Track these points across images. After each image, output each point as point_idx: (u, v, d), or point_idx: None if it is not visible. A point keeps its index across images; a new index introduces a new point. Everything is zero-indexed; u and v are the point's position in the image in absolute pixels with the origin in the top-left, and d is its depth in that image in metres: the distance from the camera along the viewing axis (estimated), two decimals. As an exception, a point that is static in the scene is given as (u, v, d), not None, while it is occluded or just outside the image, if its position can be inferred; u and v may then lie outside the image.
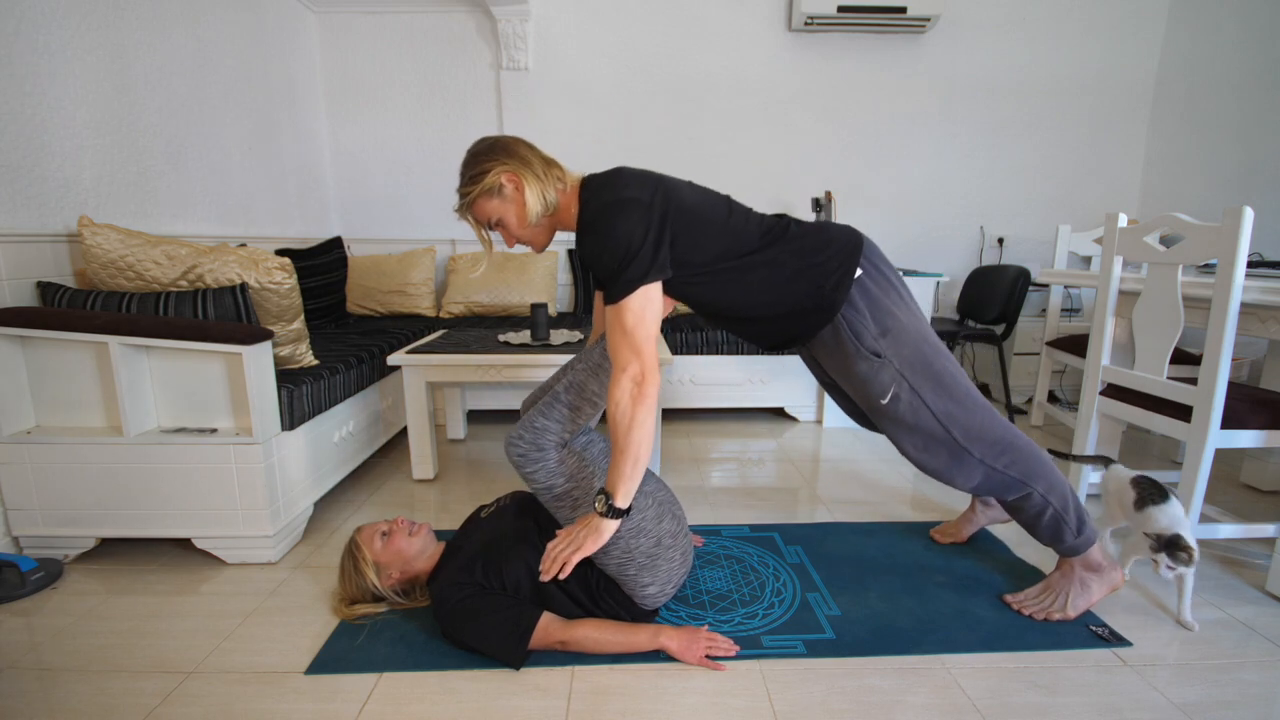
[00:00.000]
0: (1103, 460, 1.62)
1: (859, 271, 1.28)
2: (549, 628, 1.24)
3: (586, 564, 1.34)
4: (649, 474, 1.52)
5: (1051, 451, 1.62)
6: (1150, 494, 1.41)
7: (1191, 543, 1.31)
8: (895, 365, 1.28)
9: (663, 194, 1.23)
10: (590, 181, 1.29)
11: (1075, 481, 1.93)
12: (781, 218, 1.35)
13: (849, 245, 1.30)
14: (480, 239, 1.38)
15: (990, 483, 1.35)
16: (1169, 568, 1.31)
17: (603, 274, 1.21)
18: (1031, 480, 1.34)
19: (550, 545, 1.26)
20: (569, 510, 1.35)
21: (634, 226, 1.18)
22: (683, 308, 3.09)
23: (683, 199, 1.26)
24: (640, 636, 1.27)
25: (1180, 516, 1.36)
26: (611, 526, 1.22)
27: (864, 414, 1.60)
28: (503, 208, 1.28)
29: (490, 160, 1.26)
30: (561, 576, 1.23)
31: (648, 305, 1.19)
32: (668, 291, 1.31)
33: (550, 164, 1.30)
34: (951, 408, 1.30)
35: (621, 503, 1.21)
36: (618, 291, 1.18)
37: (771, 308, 1.32)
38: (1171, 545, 1.31)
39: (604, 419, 1.35)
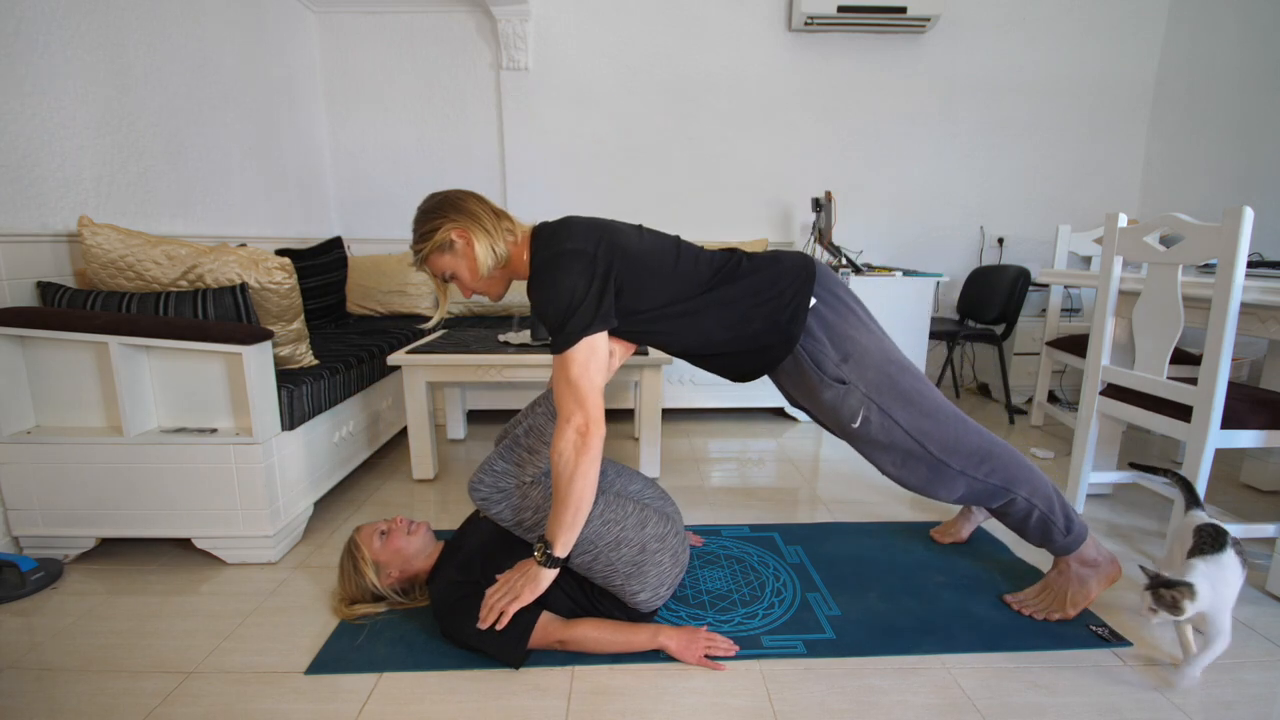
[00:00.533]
0: (1172, 475, 1.47)
1: (814, 300, 1.29)
2: (548, 627, 1.24)
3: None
4: (634, 474, 1.52)
5: (1134, 465, 1.59)
6: (1205, 544, 1.20)
7: (1190, 593, 1.09)
8: (861, 389, 1.29)
9: (607, 244, 1.25)
10: (540, 231, 1.31)
11: (1075, 481, 1.93)
12: (733, 253, 1.37)
13: (801, 275, 1.30)
14: (437, 289, 1.41)
15: (972, 492, 1.35)
16: (1150, 609, 1.13)
17: (547, 325, 1.22)
18: (1013, 486, 1.35)
19: (489, 593, 1.24)
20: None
21: (577, 279, 1.20)
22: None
23: (628, 248, 1.27)
24: (639, 636, 1.27)
25: (1224, 576, 1.14)
26: (549, 575, 1.22)
27: None
28: (454, 262, 1.30)
29: (439, 217, 1.28)
30: (499, 627, 1.20)
31: (591, 356, 1.20)
32: (626, 338, 1.33)
33: (500, 216, 1.32)
34: (923, 423, 1.30)
35: (560, 552, 1.21)
36: (561, 342, 1.20)
37: (730, 345, 1.33)
38: (1155, 583, 1.12)
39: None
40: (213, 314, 1.64)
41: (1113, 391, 1.84)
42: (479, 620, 1.22)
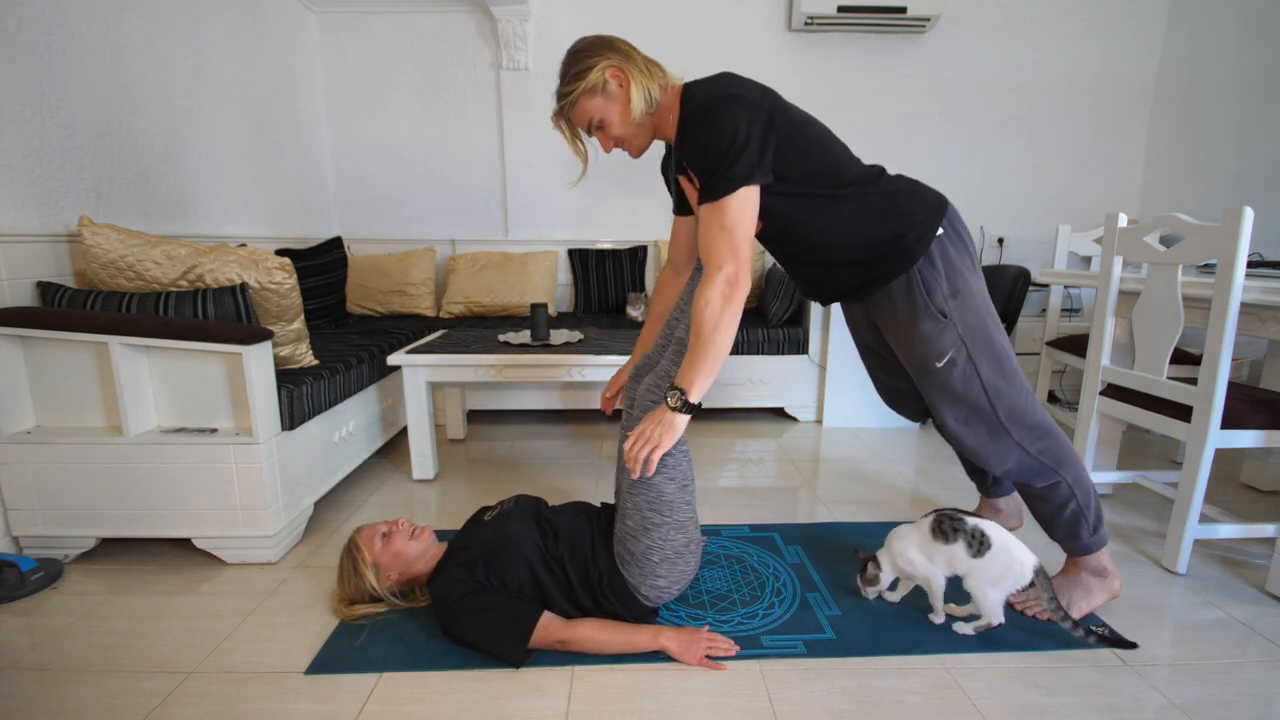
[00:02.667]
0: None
1: (941, 230, 1.27)
2: (549, 626, 1.24)
3: (592, 561, 1.34)
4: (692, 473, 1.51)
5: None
6: (936, 532, 1.35)
7: (877, 565, 1.38)
8: (958, 329, 1.27)
9: (772, 99, 1.22)
10: (695, 83, 1.27)
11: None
12: (875, 166, 1.34)
13: (936, 203, 1.30)
14: (574, 150, 1.35)
15: (1023, 467, 1.34)
16: (865, 583, 1.40)
17: (705, 167, 1.17)
18: (1061, 468, 1.34)
19: (626, 447, 1.23)
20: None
21: (741, 122, 1.15)
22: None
23: (790, 109, 1.24)
24: (640, 637, 1.27)
25: (950, 562, 1.32)
26: (684, 421, 1.20)
27: (897, 391, 1.58)
28: (606, 106, 1.25)
29: (595, 55, 1.23)
30: (649, 474, 1.21)
31: (747, 206, 1.17)
32: (760, 206, 1.27)
33: (652, 62, 1.27)
34: (1001, 384, 1.30)
35: (695, 398, 1.19)
36: (720, 188, 1.15)
37: (849, 251, 1.30)
38: (863, 561, 1.40)
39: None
40: (213, 314, 1.64)
41: (1113, 391, 1.84)
42: (628, 469, 1.22)
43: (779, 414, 3.07)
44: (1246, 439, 1.54)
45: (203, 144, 2.47)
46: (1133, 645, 1.30)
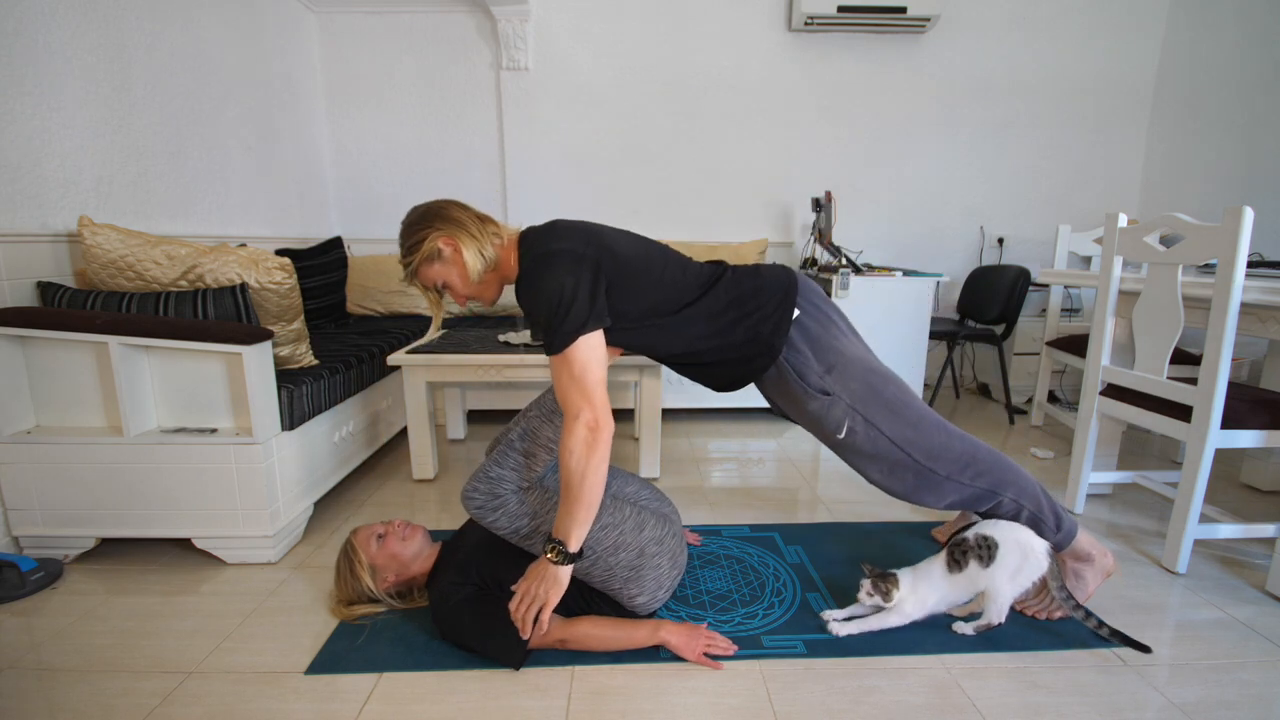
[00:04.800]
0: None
1: (797, 312, 1.29)
2: (548, 626, 1.23)
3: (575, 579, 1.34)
4: (631, 477, 1.52)
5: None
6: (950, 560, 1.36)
7: (895, 584, 1.33)
8: (846, 400, 1.30)
9: (595, 245, 1.25)
10: (527, 235, 1.32)
11: (1075, 481, 1.93)
12: (719, 265, 1.38)
13: (784, 287, 1.32)
14: (429, 303, 1.41)
15: (961, 497, 1.35)
16: (868, 594, 1.34)
17: (540, 326, 1.22)
18: (1000, 489, 1.35)
19: (512, 608, 1.21)
20: (540, 545, 1.32)
21: (566, 277, 1.20)
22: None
23: (617, 250, 1.27)
24: (641, 632, 1.28)
25: (956, 582, 1.33)
26: (567, 572, 1.21)
27: None
28: (445, 271, 1.31)
29: (425, 228, 1.29)
30: (541, 633, 1.20)
31: (591, 352, 1.20)
32: (612, 342, 1.31)
33: (485, 221, 1.33)
34: (907, 432, 1.31)
35: (574, 548, 1.20)
36: (559, 342, 1.19)
37: (714, 354, 1.34)
38: (873, 575, 1.35)
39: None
40: (213, 314, 1.64)
41: (1113, 391, 1.84)
42: (520, 633, 1.20)
43: (779, 414, 3.07)
44: (1246, 439, 1.54)
45: (203, 144, 2.47)
46: (1146, 649, 1.28)
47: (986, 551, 1.29)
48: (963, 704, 1.15)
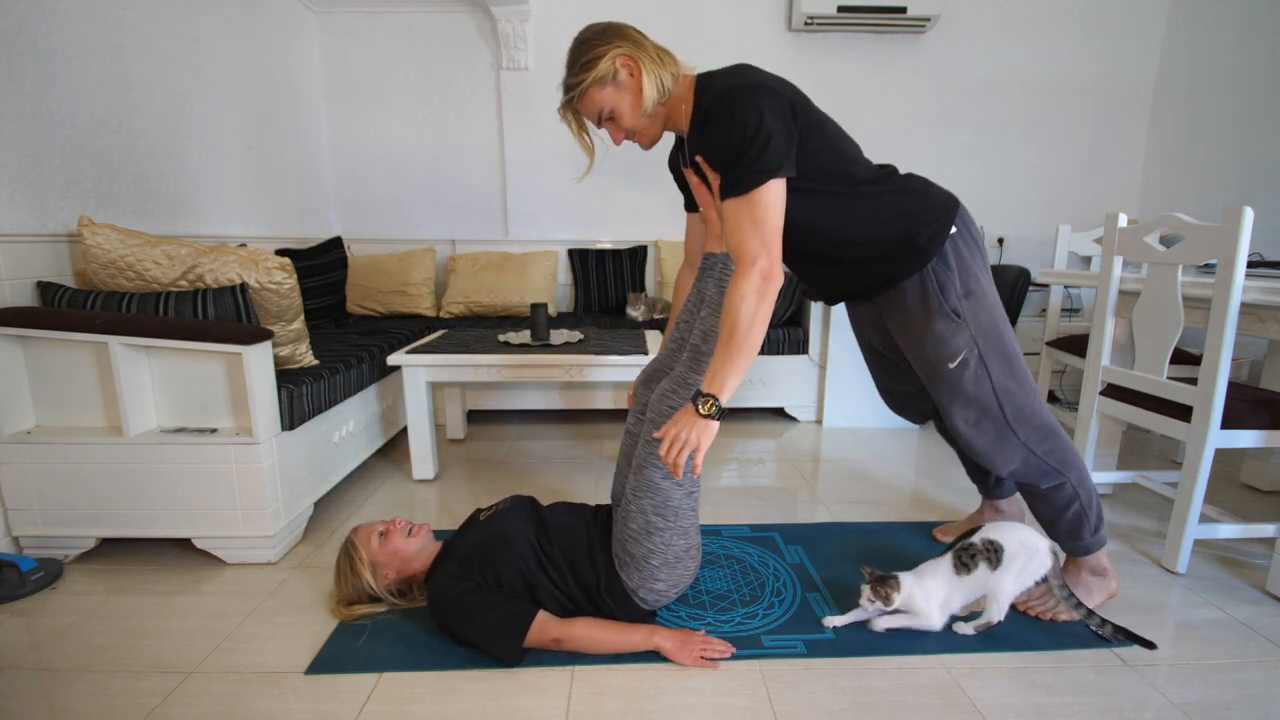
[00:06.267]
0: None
1: (954, 230, 1.26)
2: (545, 625, 1.24)
3: (588, 563, 1.34)
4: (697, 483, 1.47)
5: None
6: (957, 564, 1.36)
7: (896, 586, 1.32)
8: (971, 330, 1.28)
9: (792, 91, 1.19)
10: (708, 75, 1.23)
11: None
12: (887, 165, 1.32)
13: (949, 203, 1.29)
14: (581, 144, 1.32)
15: (1028, 468, 1.34)
16: (869, 600, 1.32)
17: (729, 159, 1.13)
18: (1066, 470, 1.34)
19: (662, 453, 1.16)
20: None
21: (766, 113, 1.10)
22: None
23: (809, 104, 1.22)
24: (635, 636, 1.28)
25: (962, 584, 1.33)
26: (716, 427, 1.15)
27: (900, 394, 1.59)
28: (616, 96, 1.21)
29: (604, 44, 1.19)
30: (695, 474, 1.17)
31: (777, 197, 1.13)
32: None
33: (663, 50, 1.23)
34: (1010, 384, 1.30)
35: (727, 400, 1.14)
36: (748, 180, 1.11)
37: (862, 248, 1.28)
38: (873, 579, 1.33)
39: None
40: (213, 314, 1.64)
41: (1113, 391, 1.84)
42: (671, 474, 1.16)
43: (779, 414, 3.07)
44: (1246, 439, 1.54)
45: (203, 144, 2.47)
46: (1151, 645, 1.28)
47: (995, 555, 1.29)
48: (963, 704, 1.15)
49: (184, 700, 1.16)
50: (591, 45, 1.21)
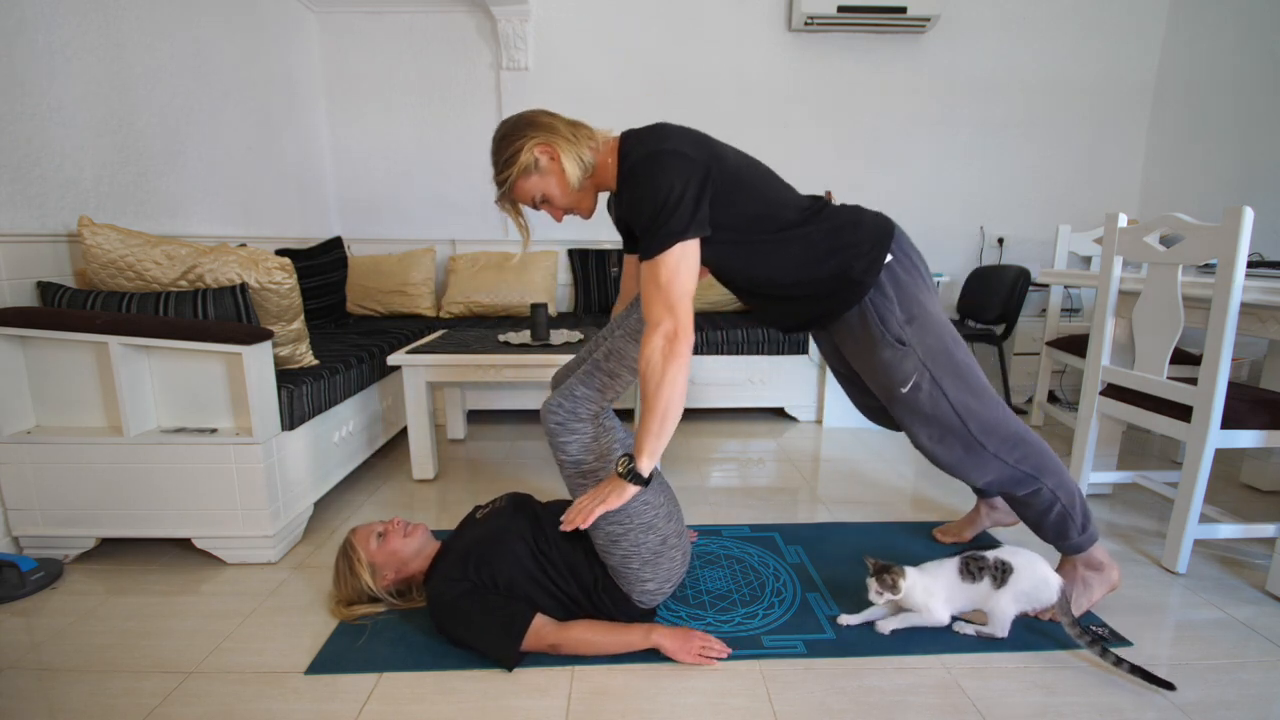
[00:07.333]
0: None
1: (889, 257, 1.27)
2: (541, 630, 1.23)
3: (584, 562, 1.34)
4: (658, 472, 1.51)
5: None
6: (963, 571, 1.36)
7: (902, 574, 1.32)
8: (919, 354, 1.28)
9: (707, 151, 1.22)
10: (630, 135, 1.27)
11: (1076, 480, 1.93)
12: (817, 199, 1.34)
13: (882, 230, 1.29)
14: (519, 227, 1.36)
15: (1002, 477, 1.35)
16: (877, 592, 1.32)
17: (640, 225, 1.18)
18: (1042, 475, 1.34)
19: (579, 499, 1.23)
20: (591, 485, 1.32)
21: (675, 178, 1.15)
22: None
23: (726, 160, 1.24)
24: (633, 636, 1.27)
25: (967, 594, 1.33)
26: (633, 490, 1.20)
27: (874, 409, 1.60)
28: (543, 182, 1.26)
29: (520, 138, 1.24)
30: (583, 525, 1.19)
31: (684, 260, 1.17)
32: (705, 256, 1.27)
33: (577, 126, 1.27)
34: (969, 400, 1.30)
35: (646, 465, 1.18)
36: (655, 245, 1.15)
37: (800, 286, 1.31)
38: (878, 569, 1.33)
39: None
40: (213, 314, 1.64)
41: (1113, 391, 1.84)
42: (562, 524, 1.20)
43: (779, 414, 3.07)
44: (1246, 439, 1.54)
45: (203, 144, 2.47)
46: (1170, 686, 1.17)
47: (1001, 575, 1.30)
48: (963, 704, 1.15)
49: (184, 700, 1.16)
50: (510, 141, 1.25)
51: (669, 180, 1.15)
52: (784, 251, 1.28)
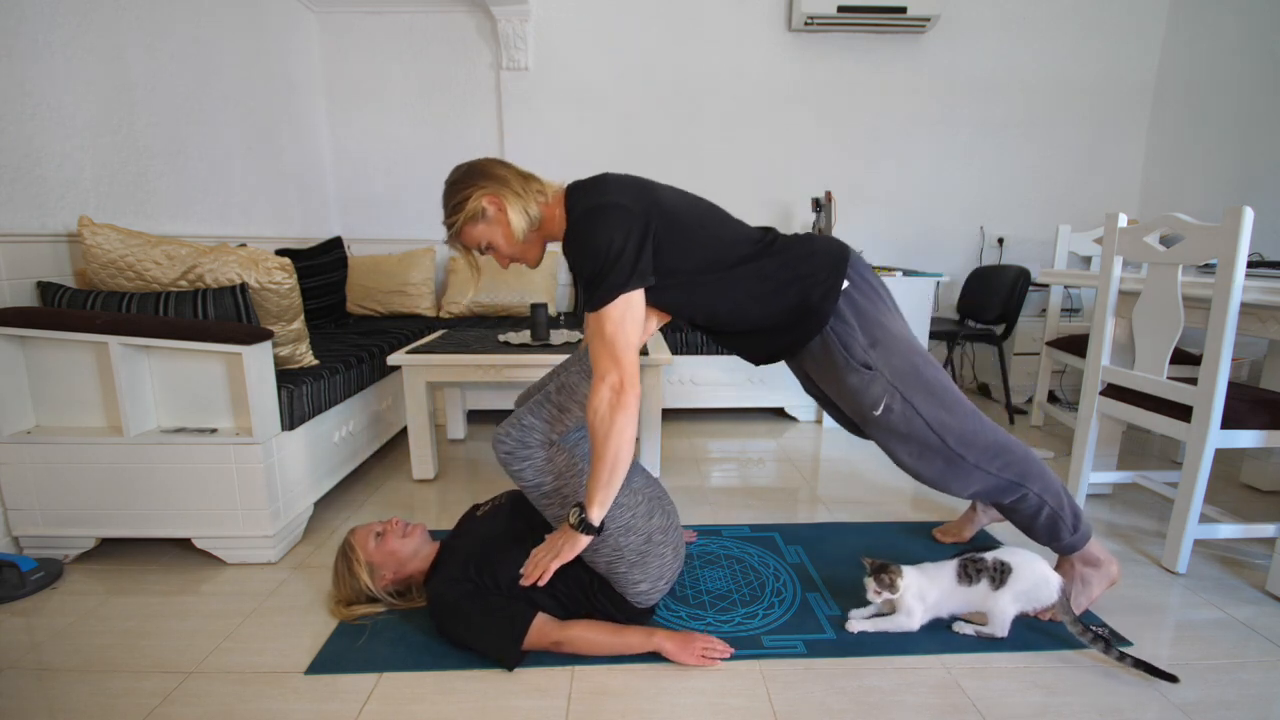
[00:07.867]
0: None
1: (846, 283, 1.28)
2: (543, 628, 1.23)
3: (580, 563, 1.34)
4: (637, 468, 1.52)
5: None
6: (961, 574, 1.36)
7: (899, 573, 1.32)
8: (886, 376, 1.28)
9: (647, 200, 1.24)
10: (575, 188, 1.30)
11: (1075, 481, 1.93)
12: (768, 231, 1.36)
13: (836, 257, 1.30)
14: (470, 265, 1.39)
15: (987, 487, 1.35)
16: (875, 591, 1.32)
17: (584, 279, 1.21)
18: (1026, 481, 1.34)
19: (534, 551, 1.27)
20: (558, 508, 1.35)
21: (614, 232, 1.18)
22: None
23: (667, 206, 1.26)
24: (635, 638, 1.27)
25: (965, 595, 1.34)
26: (585, 540, 1.23)
27: (853, 423, 1.60)
28: (489, 231, 1.29)
29: (468, 186, 1.27)
30: (540, 583, 1.23)
31: (628, 312, 1.20)
32: (655, 302, 1.31)
33: (528, 179, 1.31)
34: (943, 415, 1.30)
35: (596, 514, 1.21)
36: (598, 299, 1.18)
37: (759, 320, 1.32)
38: (876, 568, 1.33)
39: None
40: (213, 314, 1.64)
41: (1113, 391, 1.84)
42: (521, 577, 1.23)
43: (779, 414, 3.07)
44: (1246, 439, 1.54)
45: (203, 144, 2.47)
46: (1174, 679, 1.19)
47: (1000, 577, 1.30)
48: (963, 704, 1.15)
49: (184, 700, 1.16)
50: (460, 188, 1.28)
51: (608, 234, 1.18)
52: (741, 287, 1.30)
